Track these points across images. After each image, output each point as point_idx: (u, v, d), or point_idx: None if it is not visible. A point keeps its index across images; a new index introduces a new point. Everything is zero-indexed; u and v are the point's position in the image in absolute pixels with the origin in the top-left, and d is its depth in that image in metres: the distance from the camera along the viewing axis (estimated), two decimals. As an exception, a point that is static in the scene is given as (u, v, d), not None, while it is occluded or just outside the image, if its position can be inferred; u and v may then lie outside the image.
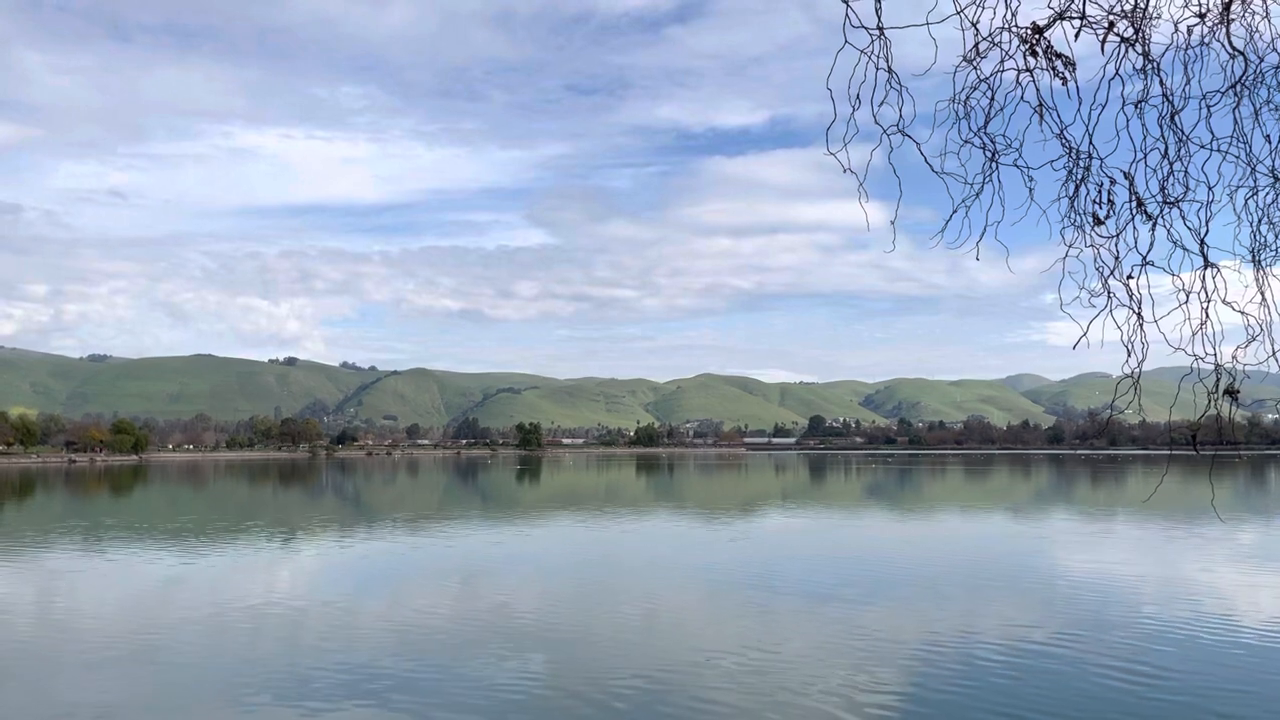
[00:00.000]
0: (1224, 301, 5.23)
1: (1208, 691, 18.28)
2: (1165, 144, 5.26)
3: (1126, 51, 5.15)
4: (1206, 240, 5.27)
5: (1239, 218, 5.45)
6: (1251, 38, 5.24)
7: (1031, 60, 5.09)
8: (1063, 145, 5.26)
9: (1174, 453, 5.67)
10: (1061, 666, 20.12)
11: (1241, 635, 23.42)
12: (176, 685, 19.17)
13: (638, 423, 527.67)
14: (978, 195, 5.27)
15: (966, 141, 5.23)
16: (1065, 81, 5.11)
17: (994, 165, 5.26)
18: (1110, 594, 29.82)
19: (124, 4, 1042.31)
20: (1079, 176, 5.28)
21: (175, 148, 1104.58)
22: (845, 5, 4.70)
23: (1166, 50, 5.22)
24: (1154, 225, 5.28)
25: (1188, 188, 5.27)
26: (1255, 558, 40.26)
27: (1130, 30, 5.12)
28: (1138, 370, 5.28)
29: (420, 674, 19.86)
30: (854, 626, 24.56)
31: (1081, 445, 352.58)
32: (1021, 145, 5.26)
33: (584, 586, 32.19)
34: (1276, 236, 5.45)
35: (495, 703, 17.77)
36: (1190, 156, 5.27)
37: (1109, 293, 5.26)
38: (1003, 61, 5.08)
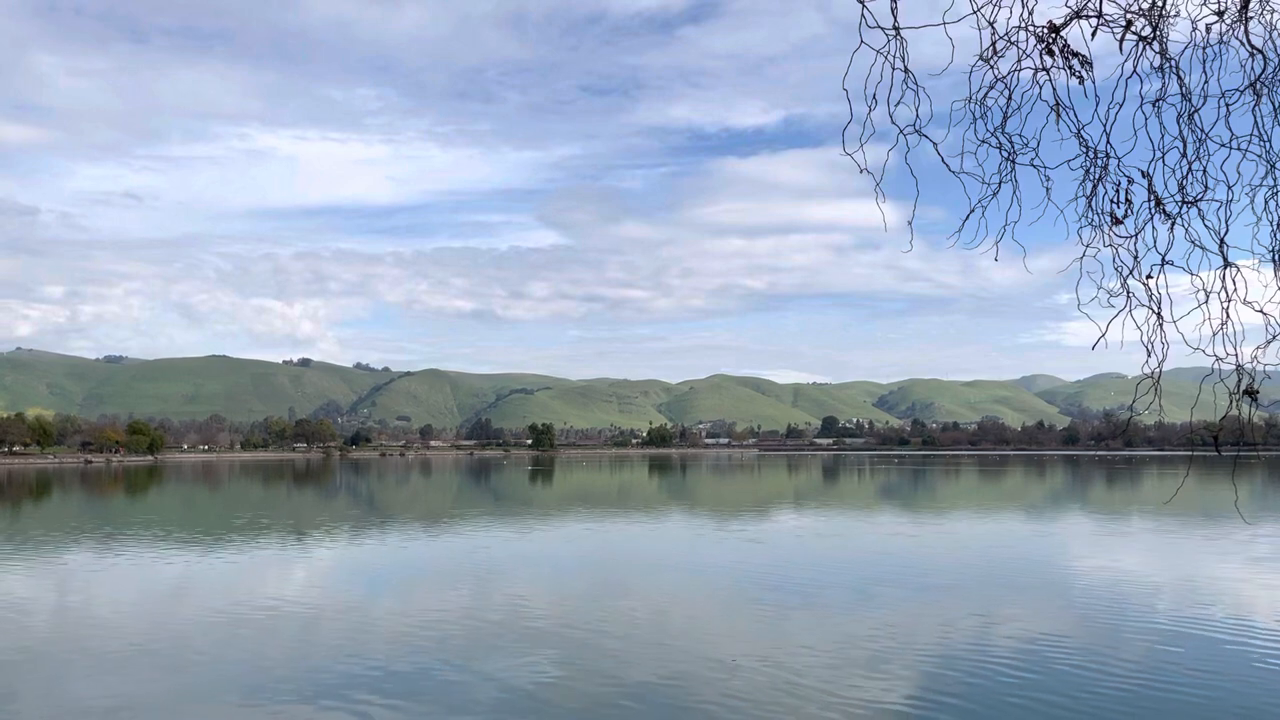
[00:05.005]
0: (1244, 301, 5.20)
1: (1233, 695, 18.17)
2: (1184, 143, 5.23)
3: (1144, 50, 5.12)
4: (1226, 239, 5.24)
5: (1259, 217, 5.41)
6: (1270, 35, 5.20)
7: (1048, 59, 5.06)
8: (1080, 144, 5.24)
9: (1195, 453, 5.64)
10: (1081, 670, 20.01)
11: (1271, 640, 23.24)
12: (191, 684, 19.26)
13: (650, 423, 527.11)
14: (994, 195, 5.26)
15: (983, 141, 5.21)
16: (1082, 80, 5.09)
17: (1011, 165, 5.24)
18: (1135, 598, 29.63)
19: (140, 7, 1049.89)
20: (1096, 176, 5.26)
21: (191, 150, 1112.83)
22: (861, 5, 4.69)
23: (1185, 48, 5.19)
24: (1173, 224, 5.25)
25: (1207, 187, 5.23)
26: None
27: (1148, 28, 5.09)
28: (1158, 370, 5.25)
29: (433, 673, 19.90)
30: (869, 628, 24.48)
31: (1097, 446, 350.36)
32: (1038, 145, 5.24)
33: (597, 586, 32.20)
34: (1297, 236, 5.40)
35: (508, 702, 17.79)
36: (1209, 155, 5.24)
37: (1128, 293, 5.23)
38: (1019, 60, 5.06)
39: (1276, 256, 5.38)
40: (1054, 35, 5.02)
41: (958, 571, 35.64)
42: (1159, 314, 5.21)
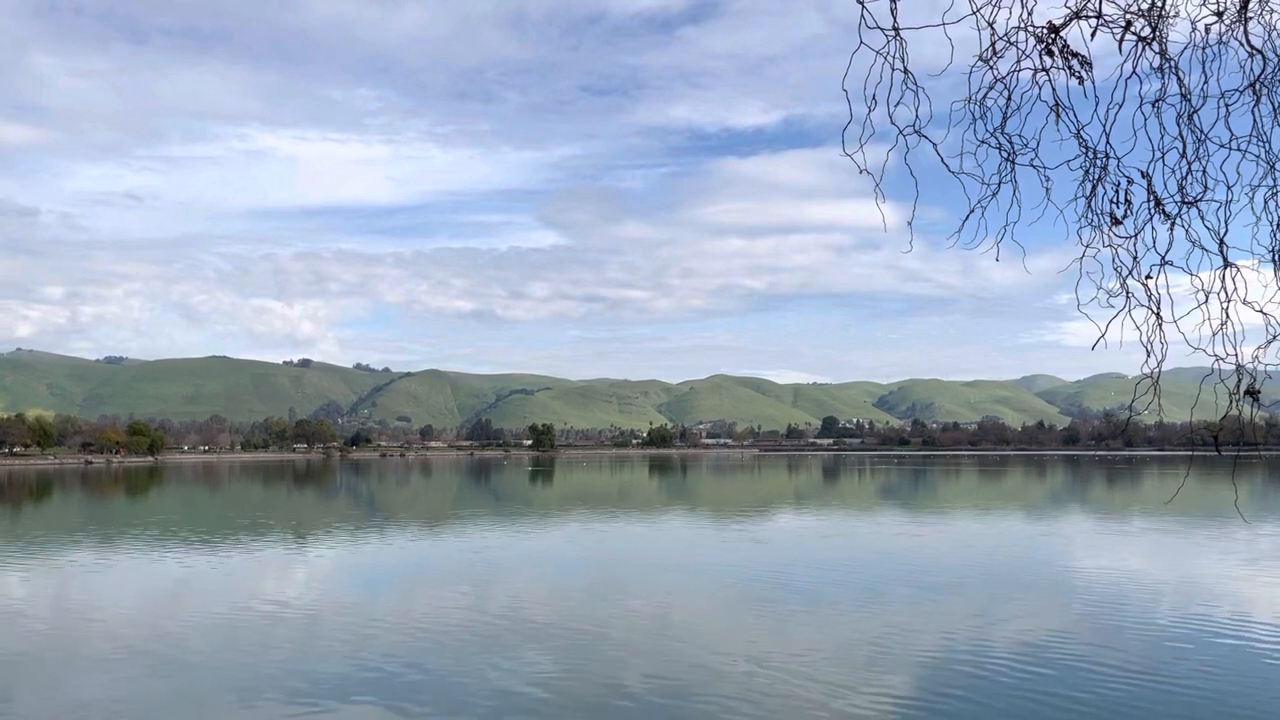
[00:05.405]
0: (1244, 301, 5.20)
1: (1241, 696, 18.17)
2: (1183, 143, 5.24)
3: (1144, 50, 5.12)
4: (1226, 240, 5.24)
5: (1259, 217, 5.41)
6: (1270, 35, 5.20)
7: (1048, 59, 5.07)
8: (1080, 145, 5.24)
9: (1195, 453, 5.66)
10: (1084, 668, 20.01)
11: (1272, 638, 23.24)
12: (192, 684, 19.27)
13: (650, 424, 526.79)
14: (994, 195, 5.26)
15: (983, 142, 5.21)
16: (1082, 81, 5.09)
17: (1010, 165, 5.24)
18: (1137, 597, 29.63)
19: (140, 7, 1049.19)
20: (1096, 176, 5.26)
21: (191, 150, 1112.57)
22: (861, 5, 4.70)
23: (1184, 49, 5.19)
24: (1172, 225, 5.25)
25: (1206, 187, 5.24)
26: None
27: (1147, 29, 5.09)
28: (1157, 371, 5.25)
29: (435, 673, 19.91)
30: (873, 627, 24.48)
31: (1097, 446, 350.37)
32: (1038, 145, 5.24)
33: (598, 586, 32.19)
34: (1297, 235, 5.40)
35: (509, 702, 17.79)
36: (1209, 156, 5.24)
37: (1127, 293, 5.23)
38: (1019, 61, 5.06)
39: (1276, 256, 5.38)
40: (1053, 36, 5.02)
41: (960, 571, 35.63)
42: (1159, 314, 5.21)
